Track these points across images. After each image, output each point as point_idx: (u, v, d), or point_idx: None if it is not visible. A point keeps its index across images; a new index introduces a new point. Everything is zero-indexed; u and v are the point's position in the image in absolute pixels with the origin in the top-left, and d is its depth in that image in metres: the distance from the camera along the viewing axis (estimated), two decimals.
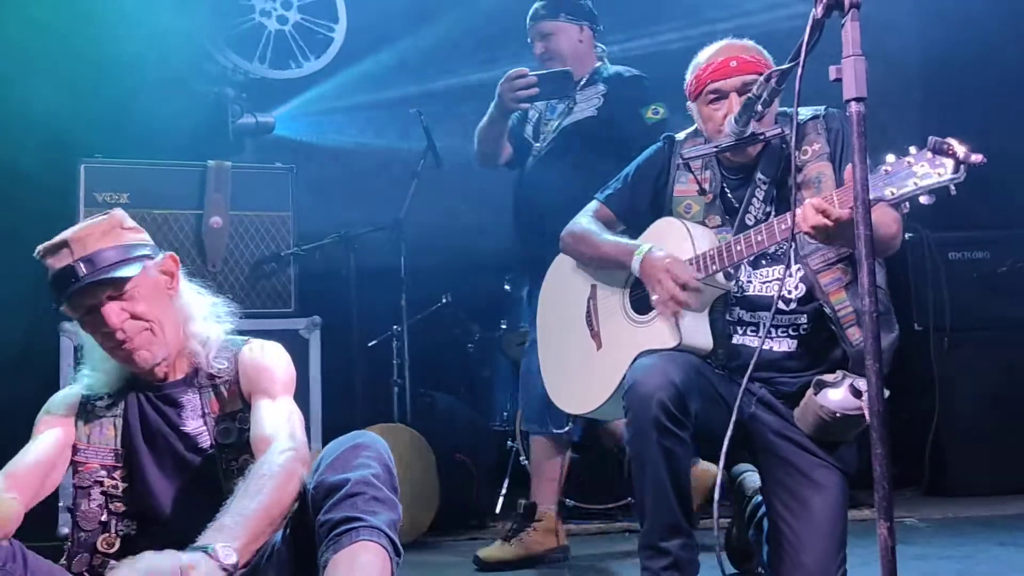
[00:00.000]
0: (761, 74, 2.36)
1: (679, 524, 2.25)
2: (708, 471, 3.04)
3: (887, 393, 2.24)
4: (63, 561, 1.83)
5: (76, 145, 3.94)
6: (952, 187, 1.89)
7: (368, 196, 4.99)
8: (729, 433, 2.02)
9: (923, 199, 1.93)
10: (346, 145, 5.59)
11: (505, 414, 4.52)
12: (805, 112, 2.40)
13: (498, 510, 4.06)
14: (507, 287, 4.47)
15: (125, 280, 1.81)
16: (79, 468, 1.87)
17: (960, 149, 1.87)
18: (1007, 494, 4.23)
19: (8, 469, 1.80)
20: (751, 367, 2.04)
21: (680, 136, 2.59)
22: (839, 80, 1.73)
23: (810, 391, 2.29)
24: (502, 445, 4.22)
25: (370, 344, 4.34)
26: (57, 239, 1.83)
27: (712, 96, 2.41)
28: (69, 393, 1.95)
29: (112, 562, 1.77)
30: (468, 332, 4.81)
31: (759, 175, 2.44)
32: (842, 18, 1.73)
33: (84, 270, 1.78)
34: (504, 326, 4.40)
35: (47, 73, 4.13)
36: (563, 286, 2.73)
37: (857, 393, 2.22)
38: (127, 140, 4.17)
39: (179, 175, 3.89)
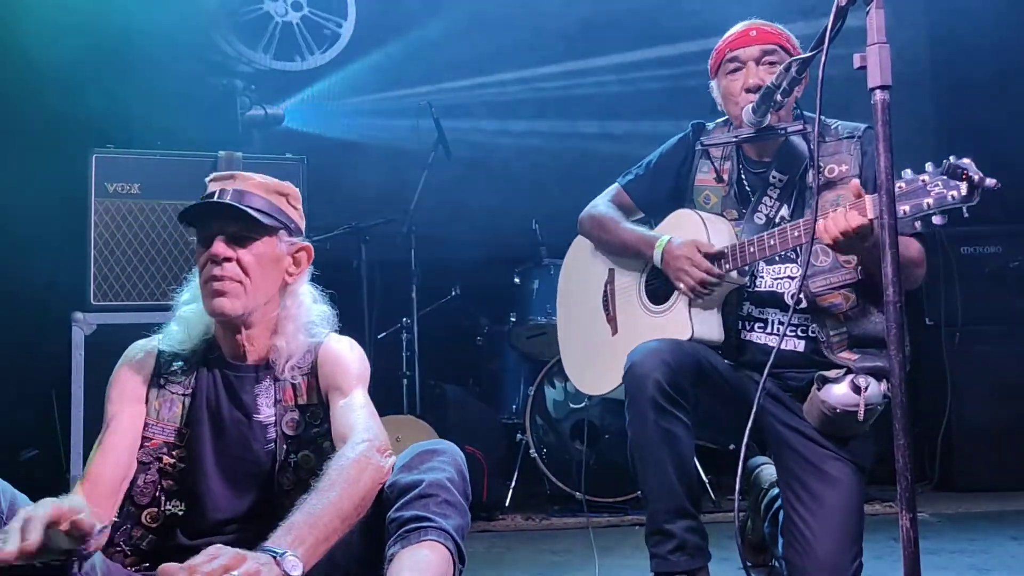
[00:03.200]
0: (780, 45, 2.37)
1: (683, 506, 2.23)
2: None
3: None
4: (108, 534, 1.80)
5: (85, 136, 3.93)
6: (964, 209, 1.89)
7: (377, 188, 4.99)
8: (749, 426, 2.00)
9: (936, 219, 1.92)
10: (355, 137, 5.58)
11: (514, 407, 4.52)
12: (845, 127, 2.39)
13: (507, 502, 4.06)
14: (516, 280, 4.45)
15: (252, 224, 1.83)
16: (145, 444, 1.85)
17: (975, 174, 1.86)
18: (1018, 490, 4.22)
19: (90, 473, 1.79)
20: (767, 368, 2.02)
21: (710, 125, 2.58)
22: (863, 68, 1.72)
23: (814, 387, 2.28)
24: (511, 437, 4.22)
25: (380, 336, 4.33)
26: (231, 172, 1.92)
27: (731, 66, 2.41)
28: (146, 348, 1.93)
29: (150, 536, 1.81)
30: (477, 325, 4.81)
31: (774, 172, 2.43)
32: (867, 5, 1.72)
33: (229, 196, 1.84)
34: (513, 319, 4.38)
35: (57, 64, 4.13)
36: (583, 268, 2.74)
37: (857, 389, 2.22)
38: (135, 131, 4.17)
39: (190, 166, 3.85)
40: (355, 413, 1.82)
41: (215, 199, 1.84)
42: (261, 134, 4.86)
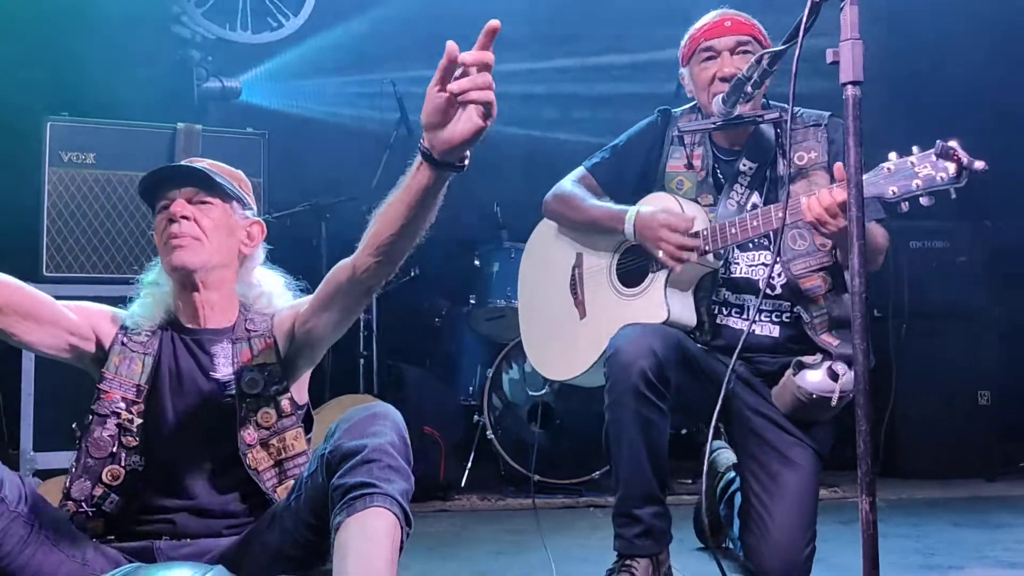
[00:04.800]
0: (754, 36, 2.41)
1: (653, 492, 2.28)
2: None
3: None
4: (65, 485, 1.84)
5: (37, 103, 3.84)
6: (952, 191, 1.94)
7: (337, 165, 4.94)
8: (716, 412, 2.04)
9: (924, 200, 1.97)
10: (315, 114, 5.52)
11: (471, 388, 4.53)
12: (809, 114, 2.43)
13: (464, 483, 4.08)
14: (476, 262, 4.46)
15: (210, 187, 1.92)
16: (101, 396, 1.88)
17: (964, 155, 1.91)
18: (958, 477, 4.37)
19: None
20: (737, 352, 2.07)
21: (676, 111, 2.60)
22: (836, 63, 1.76)
23: (789, 371, 2.33)
24: (469, 419, 4.23)
25: None
26: (188, 159, 2.06)
27: (705, 55, 2.44)
28: (110, 310, 1.99)
29: (112, 496, 1.82)
30: (435, 306, 4.81)
31: (744, 161, 2.46)
32: (841, 1, 1.75)
33: (188, 163, 1.98)
34: (473, 301, 4.39)
35: (9, 28, 4.02)
36: (547, 252, 2.73)
37: (834, 376, 2.28)
38: (87, 100, 4.08)
39: (147, 137, 3.80)
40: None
41: (176, 164, 2.02)
42: (217, 106, 4.78)
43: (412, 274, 4.64)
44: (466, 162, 1.59)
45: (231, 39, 4.79)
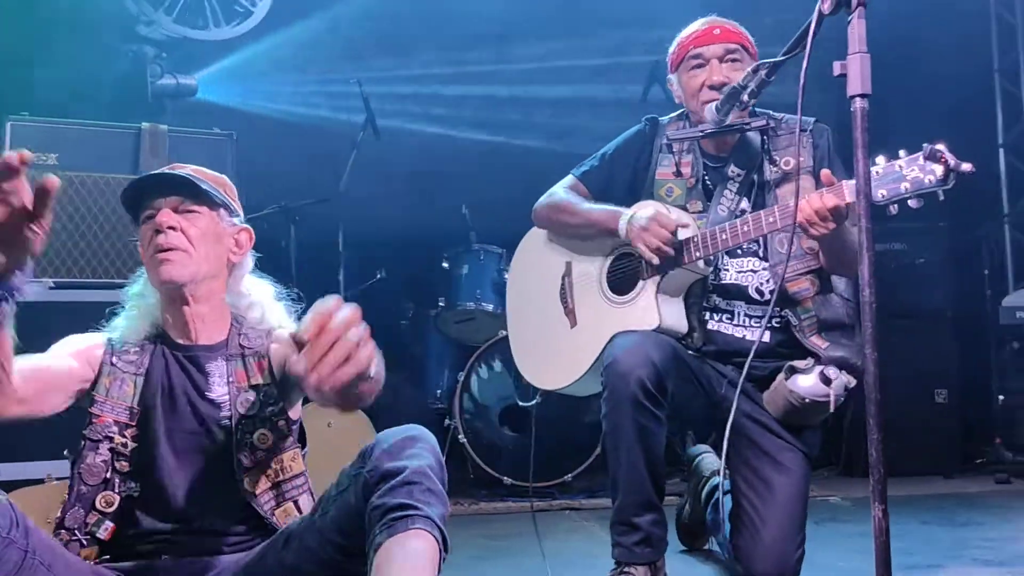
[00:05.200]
0: (742, 45, 2.44)
1: (651, 500, 2.29)
2: None
3: (853, 382, 2.35)
4: (56, 515, 1.77)
5: None
6: (940, 192, 1.97)
7: (302, 166, 4.87)
8: (729, 426, 2.05)
9: (912, 203, 2.01)
10: (273, 113, 5.43)
11: (438, 391, 4.50)
12: (794, 120, 2.46)
13: None
14: (445, 265, 4.43)
15: (196, 195, 1.84)
16: (93, 420, 1.81)
17: (951, 157, 1.94)
18: (917, 475, 4.47)
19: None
20: (748, 362, 2.09)
21: (664, 120, 2.61)
22: (843, 76, 1.78)
23: (781, 376, 2.36)
24: (440, 423, 4.21)
25: None
26: (171, 164, 1.94)
27: (694, 62, 2.46)
28: (91, 336, 1.89)
29: (107, 523, 1.76)
30: (402, 308, 4.77)
31: (732, 167, 2.49)
32: (848, 15, 1.77)
33: (174, 171, 1.88)
34: (442, 304, 4.36)
35: None
36: (535, 262, 2.73)
37: (827, 381, 2.31)
38: (38, 98, 3.97)
39: (111, 137, 3.69)
40: None
41: (161, 171, 1.88)
42: (173, 104, 4.68)
43: (378, 276, 4.62)
44: None
45: (199, 38, 4.71)
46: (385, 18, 5.37)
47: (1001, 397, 4.98)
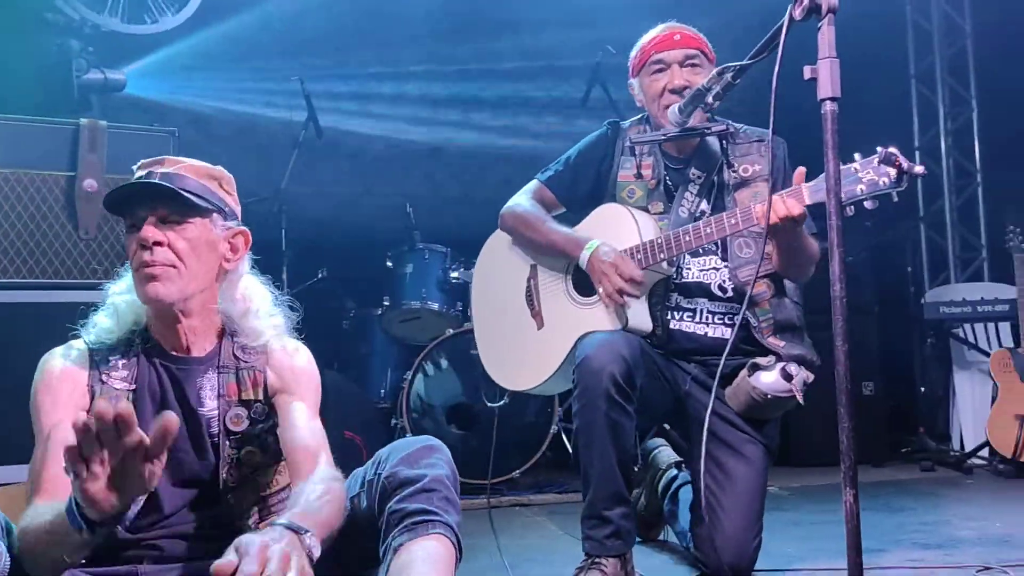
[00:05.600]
0: (702, 50, 2.52)
1: (622, 493, 2.34)
2: None
3: (811, 378, 2.45)
4: None
5: None
6: (894, 194, 2.07)
7: (240, 164, 4.75)
8: (707, 424, 2.12)
9: (868, 204, 2.11)
10: (205, 109, 5.32)
11: (382, 391, 4.49)
12: (753, 131, 2.55)
13: None
14: (389, 264, 4.42)
15: (183, 204, 1.72)
16: None
17: (904, 160, 2.05)
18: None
19: (45, 482, 1.64)
20: (723, 358, 2.17)
21: (625, 123, 2.67)
22: (813, 79, 1.85)
23: (743, 372, 2.44)
24: (387, 422, 4.20)
25: None
26: (160, 157, 1.80)
27: (656, 67, 2.53)
28: (72, 356, 1.78)
29: None
30: (343, 308, 4.73)
31: (693, 169, 2.56)
32: (819, 21, 1.85)
33: (157, 178, 1.74)
34: (387, 303, 4.35)
35: None
36: (501, 264, 2.75)
37: (788, 376, 2.41)
38: None
39: (47, 134, 3.55)
40: (322, 440, 1.79)
41: (143, 180, 1.74)
42: (100, 100, 4.55)
43: (319, 276, 4.57)
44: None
45: (107, 27, 4.57)
46: (320, 14, 5.31)
47: (923, 388, 5.21)
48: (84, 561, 1.73)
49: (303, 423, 1.79)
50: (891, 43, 5.87)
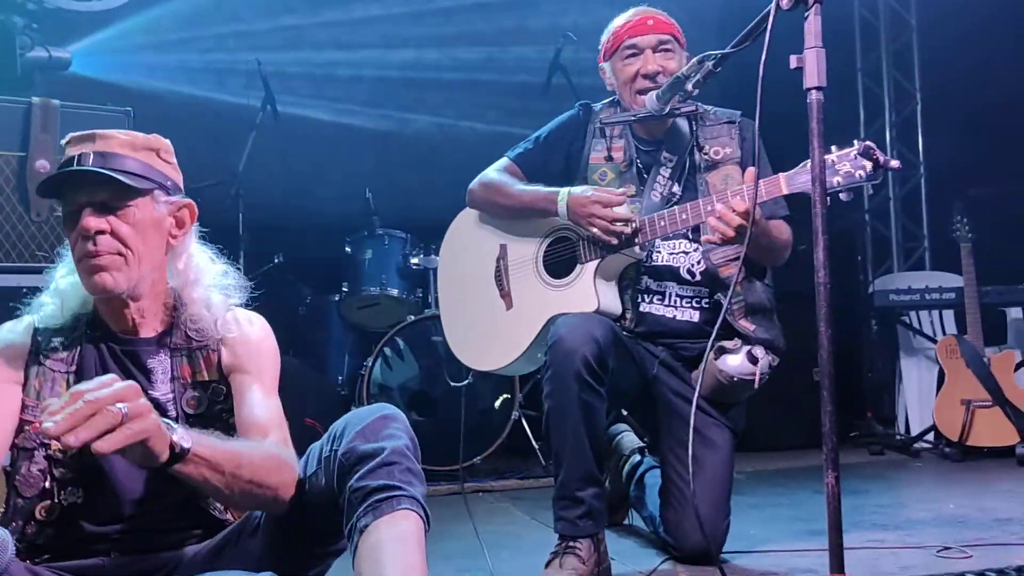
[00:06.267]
0: (674, 36, 2.53)
1: (594, 474, 2.35)
2: None
3: (777, 361, 2.49)
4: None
5: None
6: (869, 187, 2.12)
7: (194, 147, 4.64)
8: (693, 411, 2.12)
9: (843, 196, 2.14)
10: (155, 89, 5.19)
11: (340, 378, 4.44)
12: (723, 112, 2.57)
13: None
14: (348, 249, 4.37)
15: (125, 190, 1.63)
16: (24, 427, 1.65)
17: (881, 154, 2.09)
18: (796, 448, 4.73)
19: None
20: (711, 342, 2.19)
21: (597, 106, 2.67)
22: (800, 69, 1.88)
23: (710, 355, 2.46)
24: (346, 409, 4.15)
25: None
26: (90, 132, 1.67)
27: (628, 52, 2.54)
28: (22, 325, 1.73)
29: (48, 531, 1.64)
30: (299, 294, 4.67)
31: (665, 153, 2.58)
32: (806, 11, 1.87)
33: (91, 161, 1.63)
34: (345, 289, 4.30)
35: None
36: (468, 244, 2.74)
37: (753, 360, 2.45)
38: None
39: None
40: (276, 416, 1.73)
41: (75, 166, 1.64)
42: (44, 78, 4.41)
43: (276, 261, 4.50)
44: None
45: (51, 3, 4.44)
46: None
47: (870, 374, 5.34)
48: (48, 557, 1.68)
49: (257, 401, 1.72)
50: (839, 37, 5.97)
